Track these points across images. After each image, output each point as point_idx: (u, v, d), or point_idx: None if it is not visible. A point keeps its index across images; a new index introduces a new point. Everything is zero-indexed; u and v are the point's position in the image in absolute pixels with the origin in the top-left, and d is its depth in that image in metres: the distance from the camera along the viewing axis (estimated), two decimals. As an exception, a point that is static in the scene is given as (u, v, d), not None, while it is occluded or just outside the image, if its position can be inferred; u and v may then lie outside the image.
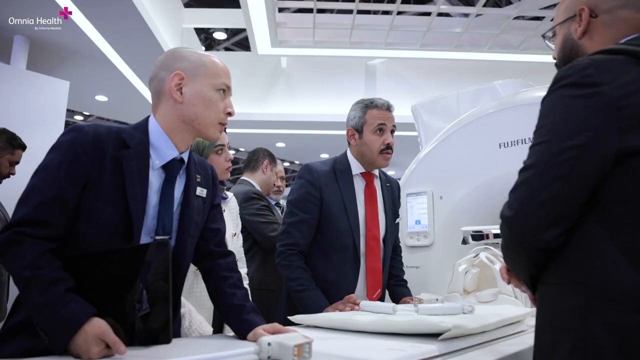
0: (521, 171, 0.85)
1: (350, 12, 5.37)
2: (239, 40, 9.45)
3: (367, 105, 1.84)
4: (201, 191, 1.18)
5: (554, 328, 0.82)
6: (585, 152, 0.77)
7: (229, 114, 1.14)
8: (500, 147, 2.31)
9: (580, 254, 0.79)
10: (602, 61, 0.81)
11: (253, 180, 2.55)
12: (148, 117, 1.13)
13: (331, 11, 6.12)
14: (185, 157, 1.13)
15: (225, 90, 1.14)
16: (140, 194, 1.01)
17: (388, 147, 1.80)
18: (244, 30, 8.49)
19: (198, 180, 1.17)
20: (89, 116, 9.83)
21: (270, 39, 5.56)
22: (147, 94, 6.28)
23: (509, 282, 1.02)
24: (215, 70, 1.12)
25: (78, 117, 9.69)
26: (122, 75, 5.59)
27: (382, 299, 1.85)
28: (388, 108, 1.84)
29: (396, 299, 1.87)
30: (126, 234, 1.00)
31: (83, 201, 0.98)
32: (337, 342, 1.07)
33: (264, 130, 7.54)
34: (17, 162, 2.85)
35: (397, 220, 1.98)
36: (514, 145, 2.27)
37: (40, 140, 3.80)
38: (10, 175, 2.82)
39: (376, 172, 1.91)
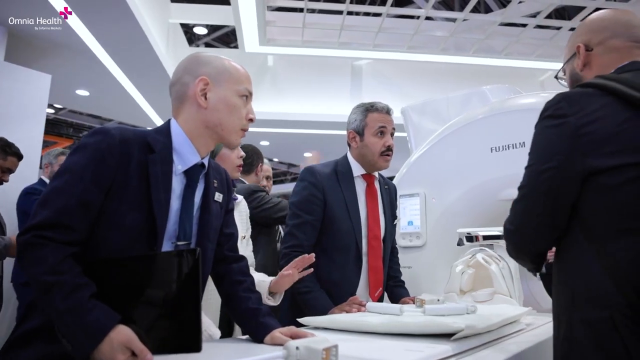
0: (518, 190, 1.02)
1: (338, 12, 5.40)
2: (220, 36, 9.40)
3: (368, 109, 1.88)
4: (218, 196, 1.18)
5: (557, 321, 0.97)
6: (557, 173, 0.92)
7: (251, 119, 1.16)
8: (491, 151, 2.37)
9: (569, 259, 0.94)
10: (573, 94, 0.96)
11: (247, 181, 2.58)
12: (169, 120, 1.13)
13: (312, 10, 6.12)
14: (205, 162, 1.14)
15: (248, 97, 1.15)
16: (164, 200, 1.01)
17: (388, 149, 1.85)
18: (224, 26, 8.43)
19: (215, 185, 1.18)
20: (61, 109, 9.58)
21: (259, 37, 5.54)
22: (130, 89, 6.18)
23: None
24: (238, 76, 1.13)
25: (49, 110, 9.37)
26: (105, 69, 5.48)
27: (381, 299, 1.90)
28: (388, 111, 1.89)
29: (395, 300, 1.91)
30: (149, 239, 0.99)
31: (106, 205, 0.97)
32: (352, 344, 1.10)
33: (249, 129, 7.50)
34: (11, 171, 2.83)
35: (395, 221, 2.03)
36: (505, 149, 2.33)
37: (19, 135, 3.70)
38: (3, 182, 2.81)
39: (376, 174, 1.95)
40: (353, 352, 0.98)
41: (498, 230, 2.04)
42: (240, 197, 1.83)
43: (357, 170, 1.89)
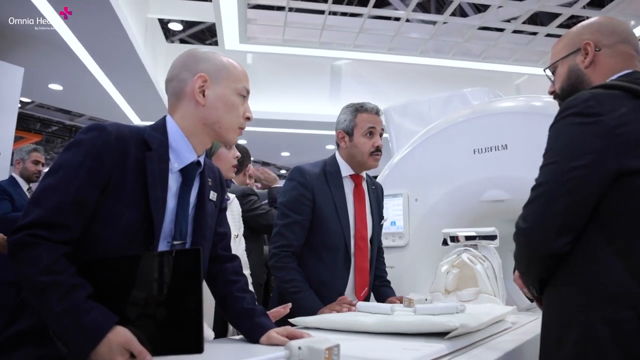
0: (533, 189, 0.98)
1: (320, 12, 5.40)
2: (195, 33, 9.27)
3: (358, 109, 1.89)
4: (213, 195, 1.17)
5: (560, 324, 0.94)
6: (589, 172, 0.90)
7: (248, 118, 1.15)
8: (474, 153, 2.42)
9: (584, 259, 0.93)
10: (601, 95, 0.95)
11: (235, 181, 2.56)
12: (164, 117, 1.10)
13: (291, 9, 6.12)
14: (201, 160, 1.12)
15: (245, 95, 1.14)
16: (161, 198, 0.99)
17: (377, 150, 1.86)
18: (200, 22, 8.33)
19: (209, 184, 1.16)
20: (28, 103, 9.27)
21: (239, 34, 5.48)
22: (106, 84, 6.03)
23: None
24: (236, 74, 1.12)
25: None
26: (81, 63, 5.32)
27: (367, 299, 1.91)
28: (377, 112, 1.90)
29: (381, 299, 1.92)
30: (145, 238, 0.97)
31: (102, 203, 0.94)
32: (347, 344, 1.09)
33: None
34: None
35: (382, 221, 2.05)
36: (488, 151, 2.37)
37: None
38: None
39: (363, 174, 1.96)
40: (351, 352, 0.98)
41: (477, 231, 2.08)
42: (232, 197, 1.82)
43: (346, 170, 1.90)
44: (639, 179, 0.89)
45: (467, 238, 2.11)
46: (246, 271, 1.90)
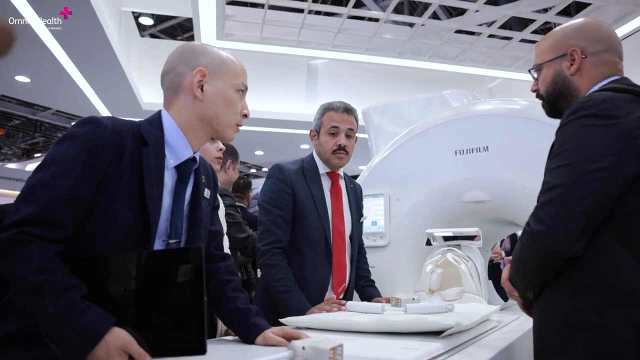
0: (546, 190, 0.96)
1: (299, 10, 5.38)
2: (166, 28, 9.11)
3: (326, 108, 1.91)
4: (207, 192, 1.14)
5: (567, 326, 0.93)
6: (610, 174, 0.90)
7: (245, 115, 1.12)
8: (456, 154, 2.45)
9: (596, 260, 0.92)
10: (616, 98, 0.96)
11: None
12: (159, 111, 1.07)
13: (262, 6, 6.06)
14: (197, 156, 1.09)
15: (244, 91, 1.12)
16: (157, 195, 0.96)
17: (340, 148, 1.85)
18: (172, 17, 8.18)
19: (203, 181, 1.14)
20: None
21: (217, 31, 5.40)
22: (77, 77, 5.83)
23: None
24: (235, 69, 1.09)
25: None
26: (51, 54, 5.12)
27: (345, 296, 1.90)
28: (346, 111, 1.88)
29: (367, 299, 1.92)
30: (141, 236, 0.94)
31: (97, 200, 0.90)
32: (345, 343, 1.08)
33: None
34: None
35: (362, 219, 2.06)
36: (469, 152, 2.41)
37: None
38: None
39: (341, 172, 1.96)
40: (350, 351, 0.97)
41: (460, 232, 2.12)
42: (216, 194, 1.79)
43: (322, 168, 1.91)
44: None
45: (451, 238, 2.14)
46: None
